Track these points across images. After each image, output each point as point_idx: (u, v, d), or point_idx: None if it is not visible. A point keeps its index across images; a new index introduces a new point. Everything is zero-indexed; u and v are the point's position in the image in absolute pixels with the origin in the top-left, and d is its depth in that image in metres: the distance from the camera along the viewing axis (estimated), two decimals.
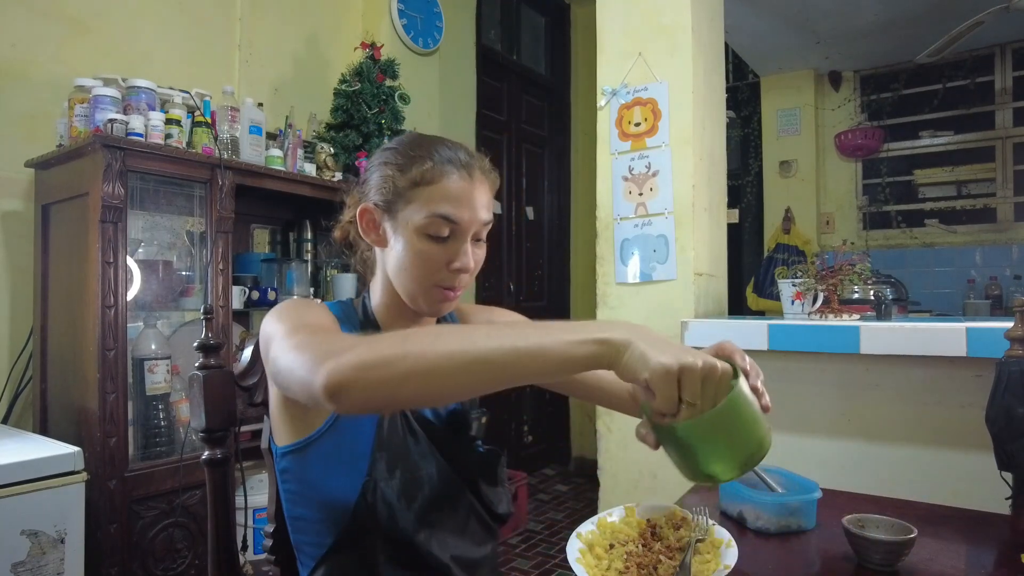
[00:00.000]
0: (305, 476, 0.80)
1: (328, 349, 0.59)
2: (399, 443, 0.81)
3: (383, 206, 0.82)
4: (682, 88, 1.86)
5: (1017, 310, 1.00)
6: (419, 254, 0.80)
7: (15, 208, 1.87)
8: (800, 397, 1.69)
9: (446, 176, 0.80)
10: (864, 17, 3.47)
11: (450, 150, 0.82)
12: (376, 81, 2.42)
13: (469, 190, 0.81)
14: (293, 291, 2.27)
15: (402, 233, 0.81)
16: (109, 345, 1.60)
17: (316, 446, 0.79)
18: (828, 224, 4.38)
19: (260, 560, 0.95)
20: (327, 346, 0.60)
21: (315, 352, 0.60)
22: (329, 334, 0.67)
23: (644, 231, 1.90)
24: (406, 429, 0.82)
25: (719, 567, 0.72)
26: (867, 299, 2.08)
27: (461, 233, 0.81)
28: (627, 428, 1.91)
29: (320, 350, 0.60)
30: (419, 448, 0.82)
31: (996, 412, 0.97)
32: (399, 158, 0.82)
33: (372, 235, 0.85)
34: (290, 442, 0.80)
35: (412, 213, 0.80)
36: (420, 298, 0.83)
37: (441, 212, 0.79)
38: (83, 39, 1.99)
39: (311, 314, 0.74)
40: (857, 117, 4.32)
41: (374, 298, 0.89)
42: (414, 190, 0.80)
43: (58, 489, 1.39)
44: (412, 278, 0.82)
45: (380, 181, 0.83)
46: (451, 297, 0.83)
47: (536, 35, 4.15)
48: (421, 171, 0.80)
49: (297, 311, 0.74)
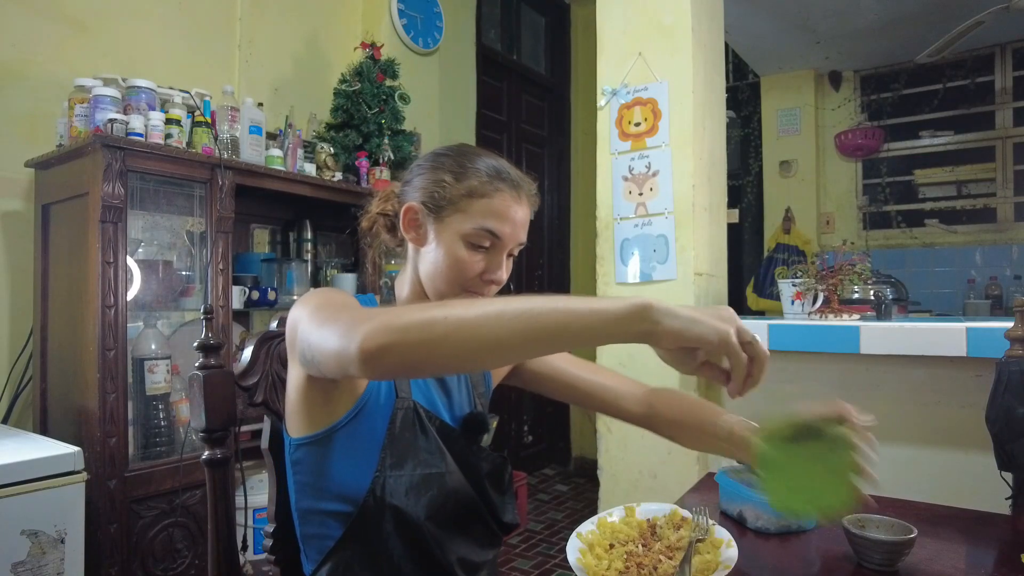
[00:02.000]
0: (321, 467, 0.80)
1: (361, 316, 0.61)
2: (410, 440, 0.82)
3: (431, 208, 0.85)
4: (682, 88, 1.86)
5: (1017, 310, 1.00)
6: (458, 260, 0.84)
7: (15, 208, 1.87)
8: (800, 397, 1.69)
9: (498, 193, 0.85)
10: (864, 17, 3.47)
11: (505, 169, 0.87)
12: (376, 81, 2.42)
13: (516, 210, 0.86)
14: (293, 291, 2.26)
15: (445, 237, 0.85)
16: (109, 345, 1.60)
17: (335, 437, 0.80)
18: (828, 224, 4.38)
19: (260, 560, 0.95)
20: (360, 314, 0.62)
21: (349, 321, 0.62)
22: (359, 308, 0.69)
23: (644, 231, 1.90)
24: (418, 427, 0.83)
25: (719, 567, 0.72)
26: (867, 299, 2.08)
27: (500, 248, 0.86)
28: (627, 428, 1.91)
29: (353, 318, 0.62)
30: (429, 447, 0.83)
31: (996, 412, 0.97)
32: (456, 166, 0.86)
33: (412, 233, 0.88)
34: (308, 433, 0.80)
35: (460, 221, 0.84)
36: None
37: (488, 226, 0.84)
38: (83, 39, 1.99)
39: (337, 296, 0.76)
40: (857, 117, 4.32)
41: (400, 291, 0.92)
42: (466, 200, 0.84)
43: (58, 489, 1.39)
44: (446, 281, 0.85)
45: (432, 184, 0.86)
46: None
47: (536, 35, 4.15)
48: (477, 183, 0.84)
49: (324, 294, 0.76)
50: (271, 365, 0.95)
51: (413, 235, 0.88)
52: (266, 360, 0.94)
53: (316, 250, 2.50)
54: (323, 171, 2.30)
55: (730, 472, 1.05)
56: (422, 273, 0.88)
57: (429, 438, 0.83)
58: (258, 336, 0.95)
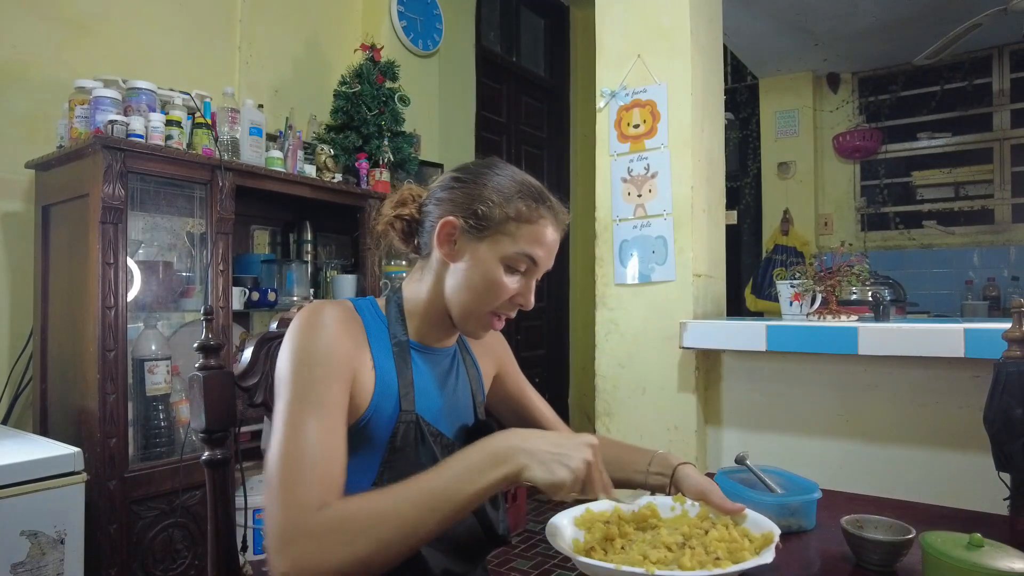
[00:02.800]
0: None
1: (295, 528, 0.65)
2: (410, 454, 0.82)
3: (472, 225, 0.84)
4: (681, 90, 1.87)
5: (1015, 311, 1.00)
6: (495, 283, 0.84)
7: (15, 209, 1.87)
8: (798, 398, 1.69)
9: (544, 221, 0.86)
10: (862, 19, 3.48)
11: (547, 195, 0.88)
12: (376, 83, 2.42)
13: (555, 240, 0.89)
14: (293, 292, 2.27)
15: (483, 257, 0.84)
16: (109, 346, 1.60)
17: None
18: (826, 225, 4.39)
19: (260, 560, 0.96)
20: (296, 518, 0.66)
21: (284, 524, 0.66)
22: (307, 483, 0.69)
23: (643, 232, 1.91)
24: (419, 441, 0.83)
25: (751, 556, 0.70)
26: (865, 300, 2.08)
27: (533, 273, 0.88)
28: (626, 428, 1.92)
29: (289, 524, 0.66)
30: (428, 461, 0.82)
31: (994, 413, 0.98)
32: (507, 188, 0.86)
33: (446, 247, 0.86)
34: None
35: (503, 244, 0.84)
36: (471, 319, 0.87)
37: (530, 251, 0.85)
38: (83, 40, 1.99)
39: (320, 363, 0.76)
40: (855, 119, 4.33)
41: (414, 296, 0.91)
42: (513, 223, 0.84)
43: (58, 490, 1.39)
44: (475, 300, 0.85)
45: (474, 202, 0.85)
46: (498, 326, 0.89)
47: (535, 37, 4.16)
48: (524, 208, 0.85)
49: (308, 359, 0.76)
50: (271, 366, 0.95)
51: (447, 249, 0.86)
52: (266, 361, 0.94)
53: (316, 251, 2.51)
54: (323, 172, 2.31)
55: (730, 472, 1.05)
56: (449, 287, 0.87)
57: (428, 452, 0.83)
58: (258, 337, 0.95)
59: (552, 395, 4.06)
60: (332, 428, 0.73)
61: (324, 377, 0.75)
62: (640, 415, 1.88)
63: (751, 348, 1.60)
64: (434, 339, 0.92)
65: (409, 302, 0.91)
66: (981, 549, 0.67)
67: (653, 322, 1.86)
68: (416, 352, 0.89)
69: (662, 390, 1.84)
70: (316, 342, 0.76)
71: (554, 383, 4.09)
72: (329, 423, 0.73)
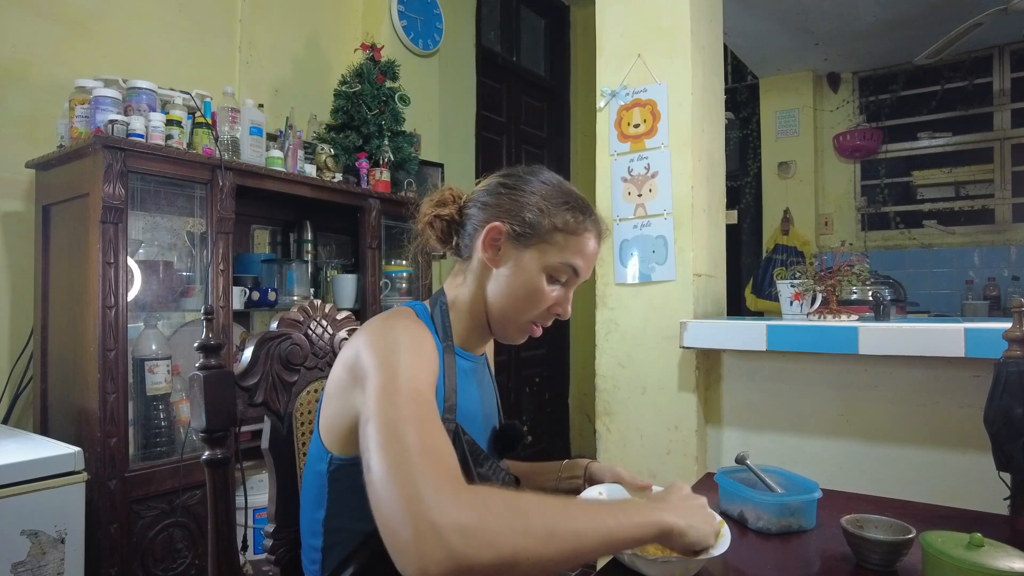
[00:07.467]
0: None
1: (434, 516, 0.54)
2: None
3: (519, 232, 0.85)
4: (681, 89, 1.87)
5: (1015, 311, 1.00)
6: (537, 291, 0.85)
7: (16, 209, 1.87)
8: (798, 398, 1.69)
9: (589, 233, 0.88)
10: (862, 19, 3.47)
11: (591, 207, 0.90)
12: (376, 82, 2.42)
13: (596, 251, 0.90)
14: (293, 292, 2.27)
15: (527, 265, 0.85)
16: (109, 345, 1.60)
17: None
18: (827, 225, 4.39)
19: (260, 560, 0.96)
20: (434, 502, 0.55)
21: (417, 513, 0.55)
22: (443, 453, 0.62)
23: (643, 232, 1.91)
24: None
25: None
26: (865, 300, 2.08)
27: (573, 283, 0.89)
28: (626, 428, 1.92)
29: (422, 511, 0.54)
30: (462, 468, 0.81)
31: (994, 413, 0.98)
32: (554, 198, 0.87)
33: (490, 252, 0.87)
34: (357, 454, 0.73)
35: (548, 254, 0.85)
36: (512, 326, 0.88)
37: (574, 263, 0.86)
38: (84, 40, 1.99)
39: (405, 353, 0.71)
40: (856, 118, 4.33)
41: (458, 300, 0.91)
42: (559, 233, 0.85)
43: (58, 489, 1.39)
44: (519, 309, 0.86)
45: (522, 209, 0.86)
46: (536, 334, 0.91)
47: (536, 37, 4.16)
48: (572, 220, 0.85)
49: (391, 350, 0.71)
50: (271, 366, 0.95)
51: (491, 254, 0.87)
52: (266, 361, 0.94)
53: (316, 251, 2.51)
54: (323, 172, 2.31)
55: (730, 472, 1.05)
56: (490, 292, 0.87)
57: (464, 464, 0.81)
58: (258, 337, 0.95)
59: (552, 395, 4.06)
60: (436, 417, 0.68)
61: (417, 365, 0.72)
62: (640, 415, 1.89)
63: (751, 348, 1.60)
64: (473, 345, 0.93)
65: (453, 306, 0.91)
66: (981, 549, 0.67)
67: (653, 322, 1.86)
68: (460, 358, 0.90)
69: (662, 390, 1.84)
70: (406, 335, 0.75)
71: (554, 383, 4.09)
72: (432, 411, 0.68)
